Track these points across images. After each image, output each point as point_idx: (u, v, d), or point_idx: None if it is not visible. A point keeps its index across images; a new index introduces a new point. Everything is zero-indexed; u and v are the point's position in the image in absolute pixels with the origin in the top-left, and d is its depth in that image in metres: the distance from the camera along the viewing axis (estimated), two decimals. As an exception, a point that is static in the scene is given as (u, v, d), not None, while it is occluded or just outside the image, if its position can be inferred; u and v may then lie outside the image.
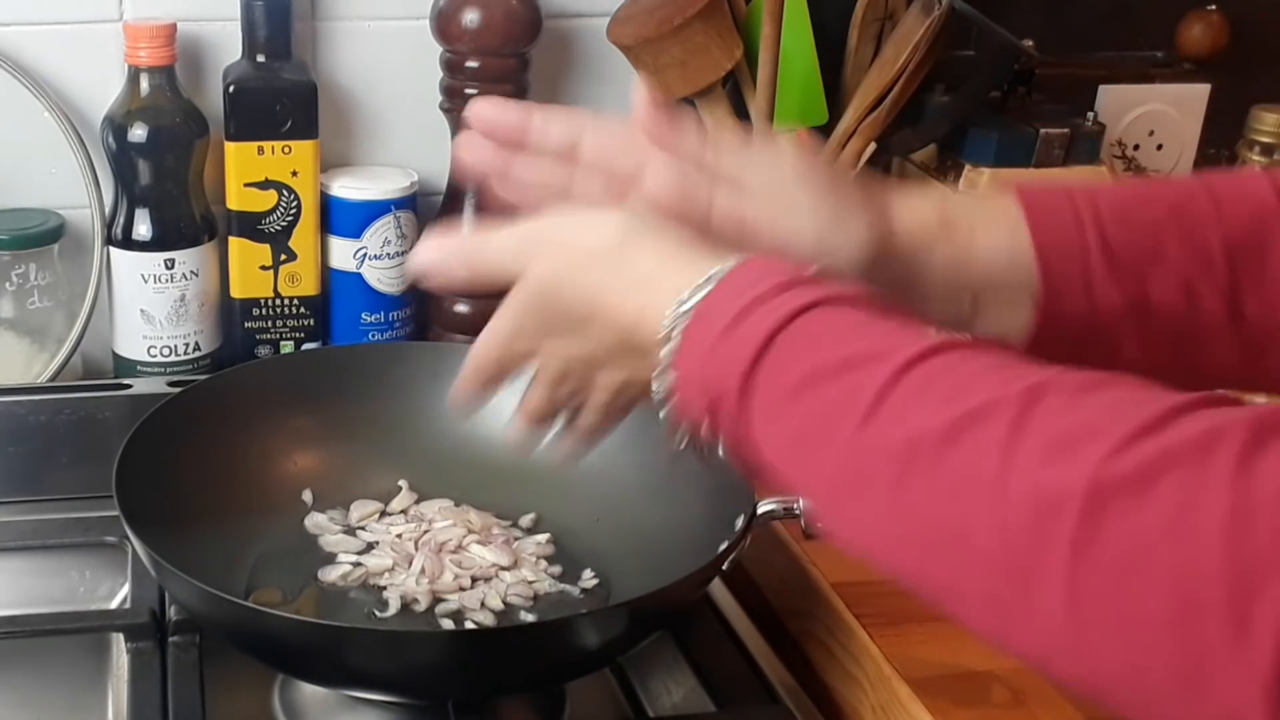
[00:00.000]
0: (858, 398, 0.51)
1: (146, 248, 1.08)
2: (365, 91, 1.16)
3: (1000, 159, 1.15)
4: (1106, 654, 0.44)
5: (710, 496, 0.84)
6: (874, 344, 0.53)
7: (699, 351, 0.57)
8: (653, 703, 0.84)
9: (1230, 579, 0.41)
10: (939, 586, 0.50)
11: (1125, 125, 1.32)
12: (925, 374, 0.51)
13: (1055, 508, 0.45)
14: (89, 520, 0.95)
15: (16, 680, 0.88)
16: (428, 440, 0.94)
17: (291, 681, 0.83)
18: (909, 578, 0.52)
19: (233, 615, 0.75)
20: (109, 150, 1.07)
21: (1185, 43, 1.31)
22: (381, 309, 1.14)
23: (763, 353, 0.55)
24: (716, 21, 1.10)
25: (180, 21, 1.07)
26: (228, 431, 0.91)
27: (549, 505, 0.92)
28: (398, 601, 0.84)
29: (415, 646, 0.75)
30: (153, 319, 1.09)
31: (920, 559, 0.50)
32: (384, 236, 1.12)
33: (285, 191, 1.09)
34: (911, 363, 0.51)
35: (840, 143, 1.12)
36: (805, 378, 0.54)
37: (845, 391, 0.52)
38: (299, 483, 0.92)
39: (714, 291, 0.57)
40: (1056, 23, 1.26)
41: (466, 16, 1.09)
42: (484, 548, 0.88)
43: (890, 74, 1.09)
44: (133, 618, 0.84)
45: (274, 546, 0.89)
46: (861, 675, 0.82)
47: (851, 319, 0.55)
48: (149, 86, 1.06)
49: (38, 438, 1.00)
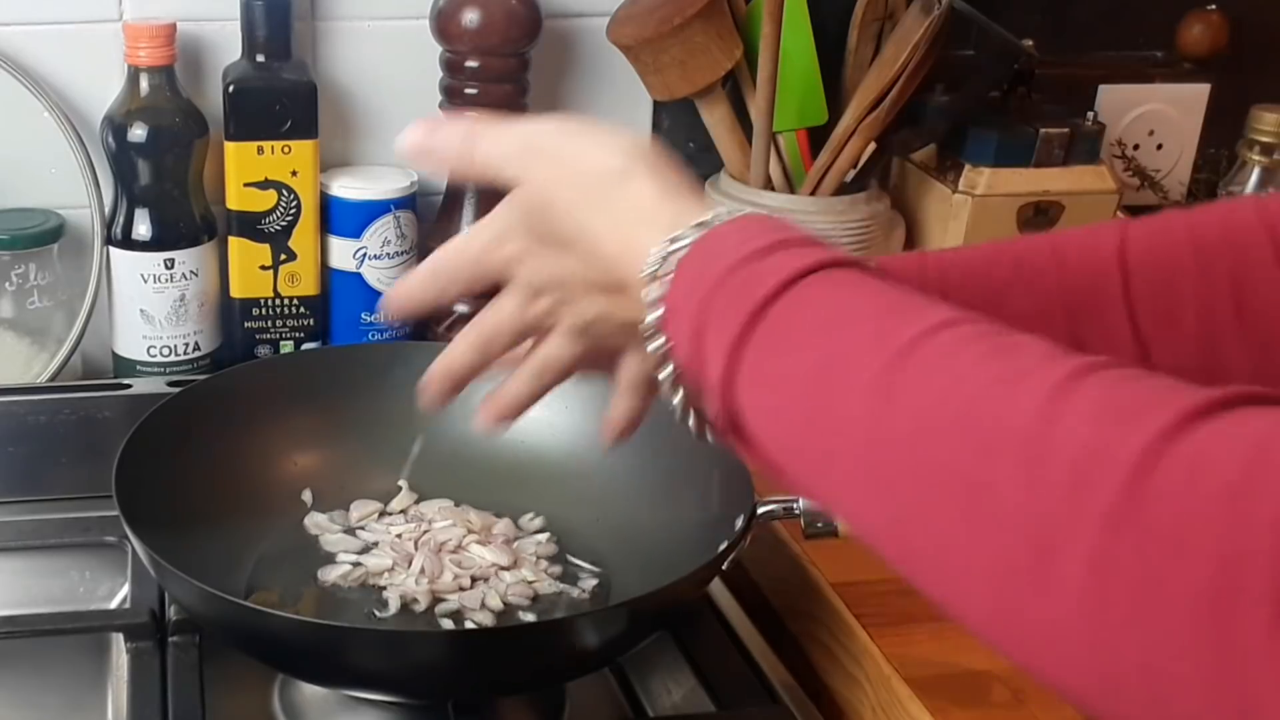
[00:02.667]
0: (882, 345, 0.49)
1: (146, 247, 1.08)
2: (365, 91, 1.16)
3: (1000, 159, 1.16)
4: (1124, 641, 0.41)
5: (710, 496, 0.84)
6: (903, 304, 0.51)
7: (700, 285, 0.55)
8: (653, 703, 0.84)
9: (1278, 569, 0.38)
10: (945, 557, 0.46)
11: (1125, 125, 1.32)
12: (960, 335, 0.48)
13: (1097, 472, 0.41)
14: (89, 520, 0.95)
15: (16, 680, 0.88)
16: (428, 440, 0.94)
17: (291, 681, 0.83)
18: (910, 546, 0.48)
19: (233, 615, 0.75)
20: (109, 150, 1.07)
21: (1185, 43, 1.31)
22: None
23: (778, 294, 0.52)
24: (716, 21, 1.10)
25: (180, 21, 1.07)
26: (228, 431, 0.91)
27: (549, 505, 0.92)
28: (398, 601, 0.84)
29: (415, 646, 0.75)
30: (152, 319, 1.09)
31: (932, 522, 0.46)
32: (384, 236, 1.12)
33: (285, 191, 1.09)
34: (945, 324, 0.49)
35: (840, 143, 1.12)
36: (822, 322, 0.52)
37: (868, 338, 0.50)
38: (299, 483, 0.92)
39: (722, 228, 0.56)
40: (1056, 23, 1.26)
41: (466, 16, 1.09)
42: (484, 548, 0.88)
43: (890, 74, 1.09)
44: (133, 618, 0.84)
45: (274, 546, 0.88)
46: (861, 675, 0.82)
47: (876, 283, 0.53)
48: (149, 86, 1.06)
49: (38, 438, 0.99)
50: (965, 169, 1.16)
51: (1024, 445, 0.43)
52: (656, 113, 1.22)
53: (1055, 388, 0.44)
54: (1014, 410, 0.44)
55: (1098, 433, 0.42)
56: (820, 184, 1.13)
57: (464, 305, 1.14)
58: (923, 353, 0.48)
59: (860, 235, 1.13)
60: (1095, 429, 0.42)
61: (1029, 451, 0.43)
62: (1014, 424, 0.44)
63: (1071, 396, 0.44)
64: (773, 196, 1.13)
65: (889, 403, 0.48)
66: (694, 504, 0.86)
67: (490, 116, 0.66)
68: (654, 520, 0.88)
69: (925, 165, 1.20)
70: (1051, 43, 1.21)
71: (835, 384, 0.50)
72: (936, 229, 1.18)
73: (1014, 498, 0.43)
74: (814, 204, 1.13)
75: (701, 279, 0.55)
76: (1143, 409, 0.42)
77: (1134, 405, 0.43)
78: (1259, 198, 0.87)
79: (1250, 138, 1.08)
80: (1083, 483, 0.41)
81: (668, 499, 0.88)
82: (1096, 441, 0.42)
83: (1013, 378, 0.45)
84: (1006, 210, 1.16)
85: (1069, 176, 1.17)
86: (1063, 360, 0.45)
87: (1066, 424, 0.43)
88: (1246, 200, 0.77)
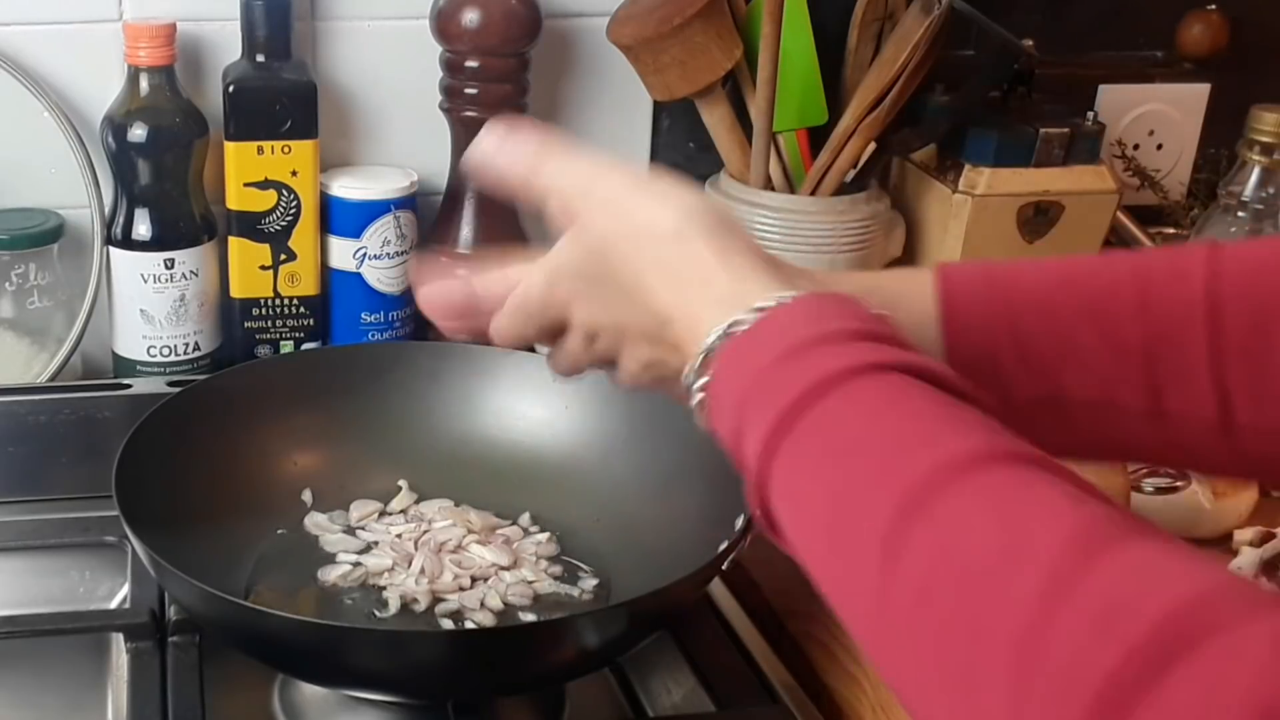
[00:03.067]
0: (897, 483, 0.48)
1: (146, 247, 1.08)
2: (365, 91, 1.16)
3: (1000, 159, 1.16)
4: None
5: (710, 496, 0.84)
6: (927, 428, 0.50)
7: (745, 370, 0.54)
8: (653, 703, 0.84)
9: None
10: (925, 711, 0.46)
11: (1125, 125, 1.32)
12: (975, 486, 0.47)
13: (1080, 690, 0.40)
14: (89, 520, 0.95)
15: (16, 680, 0.88)
16: (428, 440, 0.94)
17: (291, 681, 0.83)
18: (901, 695, 0.47)
19: (233, 615, 0.75)
20: (109, 150, 1.07)
21: (1185, 43, 1.31)
22: (381, 309, 1.14)
23: (812, 397, 0.52)
24: (716, 21, 1.10)
25: (180, 21, 1.07)
26: (228, 431, 0.91)
27: (549, 505, 0.92)
28: (398, 601, 0.84)
29: (415, 646, 0.75)
30: (152, 319, 1.09)
31: (920, 685, 0.46)
32: (384, 236, 1.12)
33: (285, 191, 1.09)
34: (963, 465, 0.47)
35: (840, 143, 1.12)
36: (843, 446, 0.51)
37: (884, 474, 0.49)
38: (299, 483, 0.92)
39: (768, 319, 0.55)
40: (1056, 23, 1.26)
41: (466, 16, 1.09)
42: (484, 548, 0.88)
43: (890, 74, 1.09)
44: (132, 618, 0.84)
45: (274, 546, 0.88)
46: (861, 675, 0.82)
47: (904, 393, 0.51)
48: (149, 86, 1.06)
49: (38, 438, 0.99)
50: (965, 169, 1.16)
51: (1015, 647, 0.42)
52: (656, 113, 1.22)
53: (1055, 576, 0.42)
54: (1010, 602, 0.43)
55: (1091, 643, 0.40)
56: (820, 184, 1.13)
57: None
58: (933, 510, 0.46)
59: (860, 235, 1.13)
60: (1089, 639, 0.40)
61: (1019, 655, 0.42)
62: (1008, 620, 0.42)
63: (1074, 592, 0.41)
64: (772, 196, 1.13)
65: (896, 562, 0.47)
66: (694, 504, 0.86)
67: (555, 136, 0.66)
68: (654, 520, 0.88)
69: (925, 165, 1.20)
70: (1051, 43, 1.21)
71: (851, 521, 0.49)
72: (936, 229, 1.18)
73: (999, 704, 0.42)
74: (814, 204, 1.13)
75: (740, 374, 0.55)
76: (1139, 610, 0.40)
77: (1133, 604, 0.40)
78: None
79: (1250, 138, 1.07)
80: (1067, 698, 0.40)
81: (668, 499, 0.88)
82: (1087, 655, 0.40)
83: (1016, 554, 0.43)
84: (1006, 210, 1.16)
85: (1069, 176, 1.17)
86: (1080, 525, 0.43)
87: (1062, 628, 0.41)
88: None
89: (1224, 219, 1.10)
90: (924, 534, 0.46)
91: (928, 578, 0.46)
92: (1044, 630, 0.41)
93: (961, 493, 0.47)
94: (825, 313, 0.55)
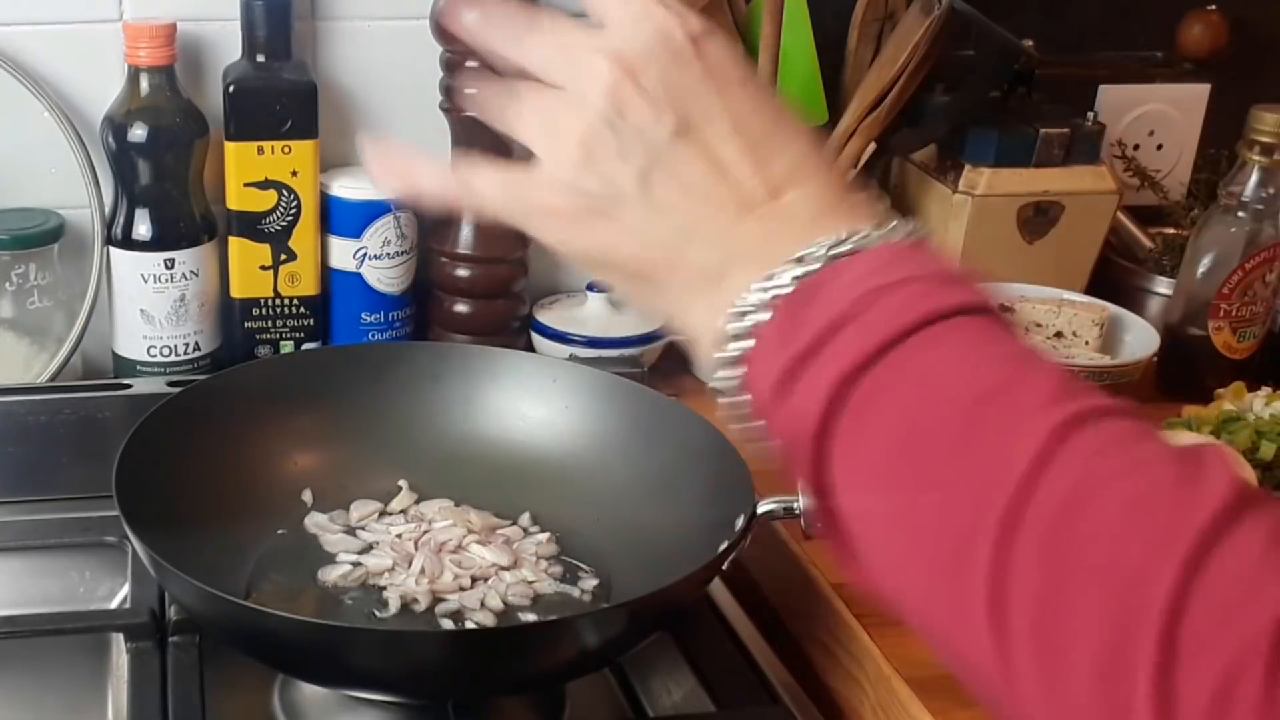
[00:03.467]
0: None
1: (146, 247, 1.08)
2: (365, 91, 1.16)
3: (1000, 159, 1.16)
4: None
5: (710, 496, 0.84)
6: (1016, 378, 0.49)
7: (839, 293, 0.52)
8: (653, 703, 0.84)
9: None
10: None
11: (1125, 125, 1.32)
12: (1081, 444, 0.47)
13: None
14: (89, 520, 0.95)
15: (16, 680, 0.88)
16: (428, 440, 0.94)
17: (291, 681, 0.83)
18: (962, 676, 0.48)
19: (233, 615, 0.75)
20: (109, 150, 1.07)
21: (1185, 43, 1.31)
22: (381, 309, 1.14)
23: (875, 357, 0.50)
24: (716, 21, 1.09)
25: (180, 21, 1.07)
26: (228, 431, 0.91)
27: (549, 505, 0.92)
28: (398, 601, 0.84)
29: (415, 646, 0.75)
30: (152, 319, 1.09)
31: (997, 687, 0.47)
32: (384, 236, 1.12)
33: (285, 191, 1.09)
34: (1063, 428, 0.47)
35: (840, 143, 1.12)
36: (923, 399, 0.49)
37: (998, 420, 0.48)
38: (299, 483, 0.92)
39: (821, 276, 0.53)
40: (1056, 23, 1.26)
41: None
42: (484, 548, 0.88)
43: (890, 74, 1.09)
44: (132, 618, 0.84)
45: (274, 546, 0.88)
46: (861, 675, 0.82)
47: (981, 348, 0.50)
48: (149, 86, 1.06)
49: (38, 438, 0.99)
50: (965, 169, 1.16)
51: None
52: (656, 113, 1.21)
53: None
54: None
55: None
56: (820, 184, 1.13)
57: (464, 305, 1.14)
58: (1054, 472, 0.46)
59: (860, 235, 1.13)
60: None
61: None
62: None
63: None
64: (773, 196, 1.13)
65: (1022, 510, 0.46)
66: (694, 504, 0.86)
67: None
68: (654, 520, 0.88)
69: (925, 165, 1.20)
70: (1051, 43, 1.21)
71: (968, 463, 0.48)
72: (937, 229, 1.18)
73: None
74: (814, 204, 1.13)
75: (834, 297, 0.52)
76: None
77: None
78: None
79: (1250, 138, 1.07)
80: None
81: (668, 499, 0.88)
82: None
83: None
84: (1006, 210, 1.16)
85: (1069, 176, 1.17)
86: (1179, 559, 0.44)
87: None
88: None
89: (1224, 219, 1.10)
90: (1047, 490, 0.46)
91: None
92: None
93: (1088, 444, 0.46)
94: (894, 257, 0.54)
